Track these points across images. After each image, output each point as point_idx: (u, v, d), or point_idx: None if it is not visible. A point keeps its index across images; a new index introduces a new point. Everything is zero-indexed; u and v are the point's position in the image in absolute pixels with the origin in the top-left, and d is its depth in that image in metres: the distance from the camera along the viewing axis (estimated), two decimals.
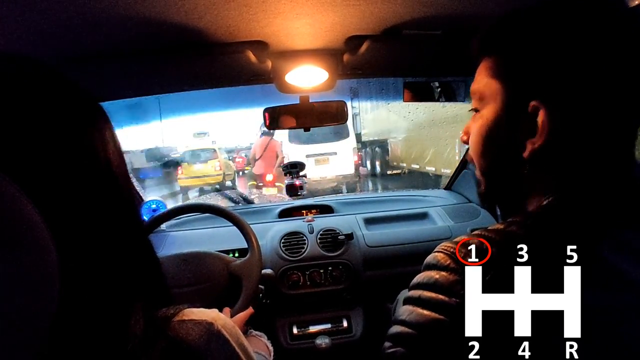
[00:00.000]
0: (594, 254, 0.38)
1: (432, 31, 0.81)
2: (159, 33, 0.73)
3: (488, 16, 0.74)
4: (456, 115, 5.61)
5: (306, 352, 1.25)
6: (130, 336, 0.34)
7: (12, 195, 0.25)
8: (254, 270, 0.98)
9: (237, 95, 1.59)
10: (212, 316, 0.41)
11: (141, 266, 0.40)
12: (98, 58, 0.81)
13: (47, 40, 0.70)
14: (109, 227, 0.36)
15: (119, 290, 0.35)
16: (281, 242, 1.32)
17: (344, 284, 1.29)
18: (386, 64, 1.05)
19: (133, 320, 0.34)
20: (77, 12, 0.62)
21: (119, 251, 0.36)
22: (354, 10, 0.70)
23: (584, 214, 0.40)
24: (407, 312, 0.44)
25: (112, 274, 0.35)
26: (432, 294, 0.42)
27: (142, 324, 0.35)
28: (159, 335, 0.36)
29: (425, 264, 0.45)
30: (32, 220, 0.26)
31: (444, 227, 1.42)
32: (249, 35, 0.80)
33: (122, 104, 1.14)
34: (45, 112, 0.32)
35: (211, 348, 0.39)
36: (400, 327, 0.44)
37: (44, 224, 0.27)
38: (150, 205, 1.42)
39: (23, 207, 0.26)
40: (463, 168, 1.64)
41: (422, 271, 0.45)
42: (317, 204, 1.66)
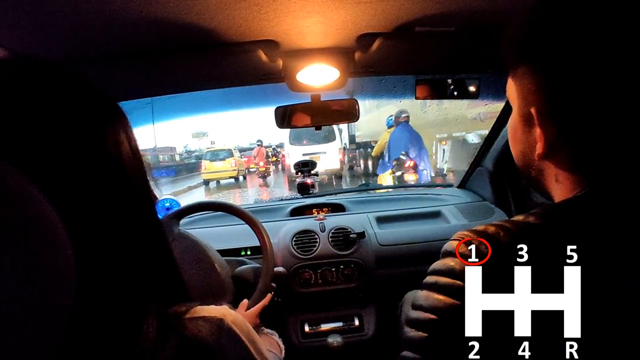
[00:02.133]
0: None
1: (446, 27, 0.80)
2: (171, 33, 0.74)
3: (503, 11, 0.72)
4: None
5: (318, 351, 1.25)
6: (143, 337, 0.34)
7: (30, 194, 0.26)
8: (266, 278, 0.98)
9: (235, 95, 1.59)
10: (223, 312, 0.41)
11: (157, 264, 0.41)
12: (110, 59, 0.82)
13: (61, 41, 0.72)
14: (125, 226, 0.36)
15: (134, 288, 0.36)
16: (293, 240, 1.33)
17: (356, 282, 1.29)
18: (398, 61, 1.04)
19: (147, 322, 0.35)
20: (89, 14, 0.63)
21: (136, 249, 0.37)
22: (366, 7, 0.70)
23: (607, 209, 0.40)
24: (424, 298, 0.44)
25: (128, 272, 0.36)
26: (449, 280, 0.42)
27: (156, 325, 0.35)
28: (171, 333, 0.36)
29: (442, 251, 0.45)
30: (49, 218, 0.27)
31: (458, 225, 1.40)
32: (260, 35, 0.80)
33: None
34: (60, 112, 0.33)
35: (222, 344, 0.39)
36: (419, 313, 0.44)
37: (61, 223, 0.27)
38: (164, 203, 1.44)
39: (41, 206, 0.26)
40: (477, 166, 1.62)
41: (440, 258, 0.45)
42: (328, 202, 1.66)
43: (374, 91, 3.71)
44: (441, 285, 0.42)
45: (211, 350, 0.38)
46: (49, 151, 0.31)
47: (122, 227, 0.36)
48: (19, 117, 0.30)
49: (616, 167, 0.42)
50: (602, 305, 0.37)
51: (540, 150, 0.44)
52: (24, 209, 0.25)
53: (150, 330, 0.35)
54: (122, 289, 0.35)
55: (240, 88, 1.16)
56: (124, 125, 0.39)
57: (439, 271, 0.44)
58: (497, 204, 1.49)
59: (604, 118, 0.40)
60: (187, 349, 0.36)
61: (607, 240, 0.38)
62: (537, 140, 0.44)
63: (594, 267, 0.37)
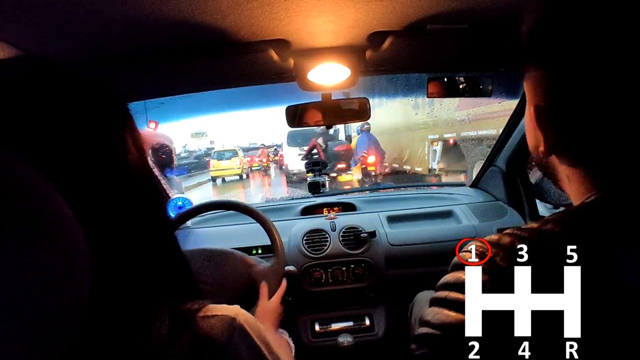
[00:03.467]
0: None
1: (458, 25, 0.79)
2: (183, 34, 0.75)
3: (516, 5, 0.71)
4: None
5: (328, 350, 1.25)
6: (155, 332, 0.34)
7: (46, 190, 0.27)
8: (277, 278, 0.98)
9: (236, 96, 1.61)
10: (235, 311, 0.42)
11: (168, 262, 0.41)
12: (124, 59, 0.84)
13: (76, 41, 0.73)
14: (136, 223, 0.37)
15: (147, 286, 0.36)
16: (303, 239, 1.33)
17: (367, 282, 1.28)
18: (410, 59, 1.03)
19: (159, 318, 0.35)
20: (103, 15, 0.64)
21: (147, 247, 0.37)
22: (377, 5, 0.69)
23: (626, 214, 0.39)
24: (433, 314, 0.44)
25: (140, 269, 0.36)
26: (459, 295, 0.41)
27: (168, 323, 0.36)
28: (184, 330, 0.37)
29: (452, 264, 0.45)
30: (64, 215, 0.27)
31: (469, 226, 1.39)
32: (271, 34, 0.80)
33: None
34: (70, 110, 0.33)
35: (234, 342, 0.39)
36: (425, 328, 0.44)
37: (75, 220, 0.28)
38: (177, 202, 1.46)
39: (56, 202, 0.27)
40: (490, 165, 1.59)
41: (450, 271, 0.45)
42: (339, 201, 1.66)
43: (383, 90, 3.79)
44: (451, 300, 0.42)
45: (223, 349, 0.38)
46: (61, 148, 0.31)
47: (133, 223, 0.36)
48: (31, 115, 0.31)
49: (622, 171, 0.41)
50: (602, 305, 0.37)
51: (542, 148, 0.44)
52: (40, 205, 0.26)
53: (162, 326, 0.35)
54: (134, 284, 0.35)
55: (240, 88, 1.17)
56: (130, 125, 0.39)
57: (449, 285, 0.43)
58: (510, 203, 1.47)
59: (604, 121, 0.40)
60: (199, 347, 0.37)
61: (606, 240, 0.38)
62: (541, 139, 0.44)
63: (594, 267, 0.37)
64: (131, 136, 0.39)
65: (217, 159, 13.08)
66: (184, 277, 0.45)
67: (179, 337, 0.36)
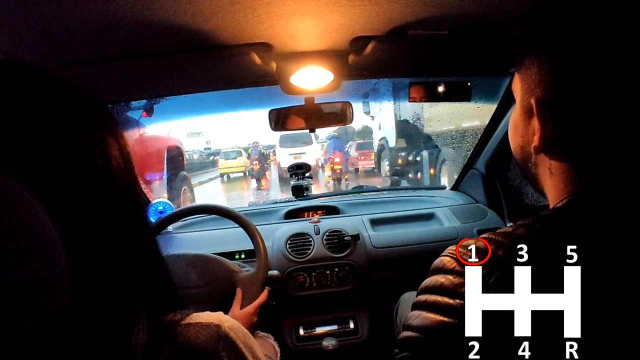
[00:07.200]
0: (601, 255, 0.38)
1: (439, 31, 0.81)
2: (165, 36, 0.74)
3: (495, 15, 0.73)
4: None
5: (313, 354, 1.25)
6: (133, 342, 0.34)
7: (24, 198, 0.26)
8: (258, 286, 0.97)
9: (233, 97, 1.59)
10: (219, 319, 0.41)
11: (148, 269, 0.40)
12: (104, 61, 0.82)
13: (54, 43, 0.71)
14: (114, 230, 0.35)
15: (126, 294, 0.35)
16: (287, 243, 1.32)
17: (350, 285, 1.29)
18: (392, 64, 1.04)
19: (137, 327, 0.34)
20: (82, 16, 0.62)
21: (126, 254, 0.36)
22: (359, 10, 0.70)
23: (596, 221, 0.40)
24: (414, 317, 0.44)
25: (118, 278, 0.35)
26: (438, 297, 0.42)
27: (145, 331, 0.35)
28: (166, 340, 0.36)
29: (432, 268, 0.45)
30: (43, 223, 0.26)
31: (451, 227, 1.41)
32: (254, 38, 0.80)
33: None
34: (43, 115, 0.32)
35: (219, 349, 0.39)
36: (407, 332, 0.44)
37: (54, 227, 0.27)
38: (157, 207, 1.43)
39: (34, 210, 0.26)
40: (469, 168, 1.63)
41: (429, 275, 0.45)
42: (323, 205, 1.66)
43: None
44: (430, 303, 0.43)
45: (209, 357, 0.38)
46: (37, 155, 0.30)
47: (112, 230, 0.35)
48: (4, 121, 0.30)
49: (614, 163, 0.42)
50: (602, 305, 0.37)
51: (536, 143, 0.45)
52: (18, 213, 0.25)
53: (140, 335, 0.34)
54: (112, 293, 0.34)
55: (236, 90, 1.16)
56: (111, 129, 0.38)
57: (429, 288, 0.44)
58: (490, 205, 1.51)
59: (604, 112, 0.40)
60: (184, 356, 0.36)
61: (606, 240, 0.39)
62: (535, 133, 0.45)
63: (594, 267, 0.37)
64: (115, 140, 0.38)
65: (225, 158, 15.54)
66: (164, 285, 0.43)
67: (161, 346, 0.35)
